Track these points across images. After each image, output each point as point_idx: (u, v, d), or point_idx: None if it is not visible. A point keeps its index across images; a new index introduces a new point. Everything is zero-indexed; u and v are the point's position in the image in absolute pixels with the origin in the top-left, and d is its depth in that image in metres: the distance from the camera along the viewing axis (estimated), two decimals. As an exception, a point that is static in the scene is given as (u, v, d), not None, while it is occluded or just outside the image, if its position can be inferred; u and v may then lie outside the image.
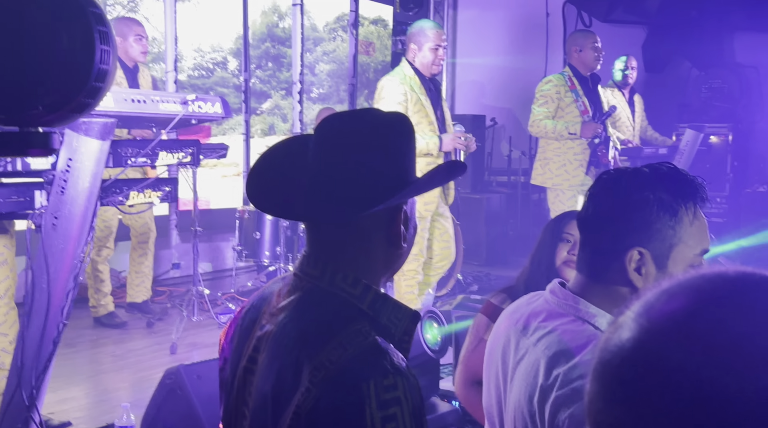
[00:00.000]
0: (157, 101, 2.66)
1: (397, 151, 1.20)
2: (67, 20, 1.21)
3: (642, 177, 1.31)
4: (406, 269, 4.16)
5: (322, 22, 7.53)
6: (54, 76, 1.21)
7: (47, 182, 2.40)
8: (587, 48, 4.75)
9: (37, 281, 2.43)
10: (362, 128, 1.20)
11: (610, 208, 1.34)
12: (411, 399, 1.05)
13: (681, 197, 1.29)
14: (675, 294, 0.56)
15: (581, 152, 4.69)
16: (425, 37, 4.03)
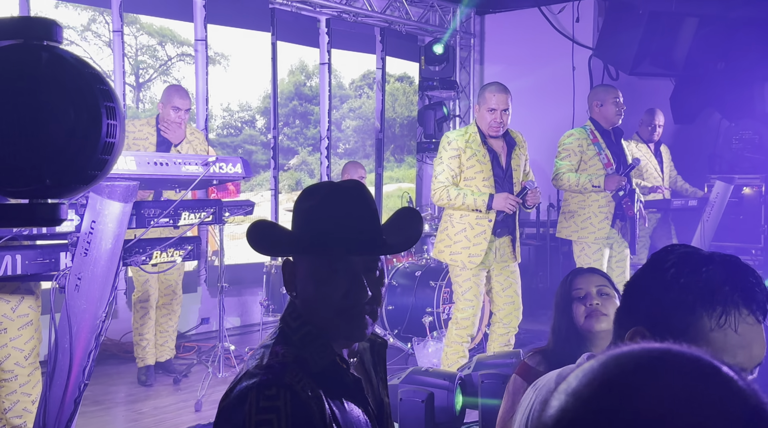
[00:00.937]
0: (179, 164, 2.73)
1: (301, 214, 1.43)
2: (74, 97, 1.26)
3: (691, 262, 1.20)
4: (460, 317, 4.21)
5: (348, 79, 7.68)
6: (61, 151, 1.26)
7: (71, 244, 2.46)
8: (608, 103, 4.76)
9: (60, 342, 2.47)
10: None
11: (638, 279, 1.28)
12: (291, 412, 1.24)
13: (715, 298, 1.17)
14: (587, 373, 0.57)
15: (606, 205, 4.66)
16: (483, 98, 4.20)
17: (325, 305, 1.39)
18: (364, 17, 7.43)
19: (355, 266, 1.39)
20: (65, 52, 1.30)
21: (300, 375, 1.30)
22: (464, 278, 4.16)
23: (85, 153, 1.28)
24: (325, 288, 1.38)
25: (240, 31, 6.40)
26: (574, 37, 7.82)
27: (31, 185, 1.27)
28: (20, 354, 2.84)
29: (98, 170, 1.32)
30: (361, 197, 1.43)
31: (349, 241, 1.37)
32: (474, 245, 4.11)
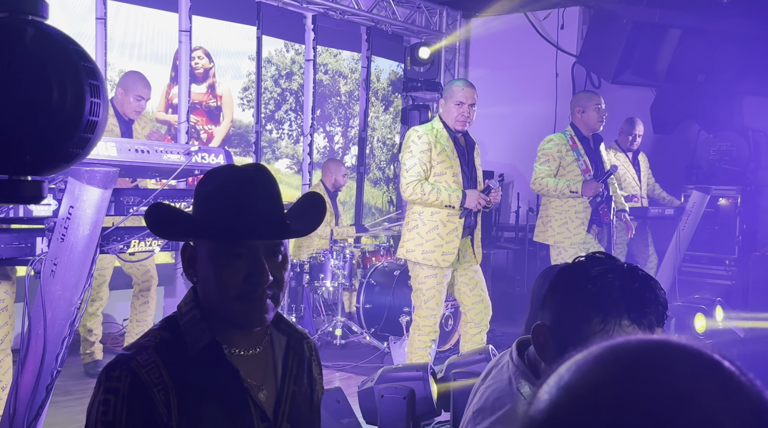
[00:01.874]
0: (161, 152, 2.71)
1: (202, 197, 1.42)
2: (58, 74, 1.25)
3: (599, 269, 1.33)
4: (422, 323, 4.13)
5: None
6: (43, 127, 1.24)
7: (48, 228, 2.43)
8: (590, 109, 4.80)
9: (34, 328, 2.44)
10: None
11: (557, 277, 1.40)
12: (128, 394, 1.29)
13: (601, 304, 1.29)
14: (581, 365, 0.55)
15: (583, 211, 4.70)
16: (450, 92, 4.13)
17: (226, 290, 1.37)
18: (350, 15, 7.43)
19: (257, 250, 1.37)
20: (51, 27, 1.28)
21: (153, 358, 1.34)
22: (428, 286, 4.08)
23: (68, 131, 1.27)
24: (225, 273, 1.37)
25: (225, 23, 6.36)
26: (558, 43, 7.88)
27: (11, 160, 1.26)
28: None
29: (80, 148, 1.31)
30: (263, 180, 1.41)
31: (250, 225, 1.36)
32: (447, 242, 4.04)
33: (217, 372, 1.39)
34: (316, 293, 6.15)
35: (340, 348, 5.60)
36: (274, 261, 1.41)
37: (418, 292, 4.13)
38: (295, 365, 1.55)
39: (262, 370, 1.49)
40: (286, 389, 1.51)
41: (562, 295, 1.35)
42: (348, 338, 5.70)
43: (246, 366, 1.44)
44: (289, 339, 1.56)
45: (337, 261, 5.76)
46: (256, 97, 6.70)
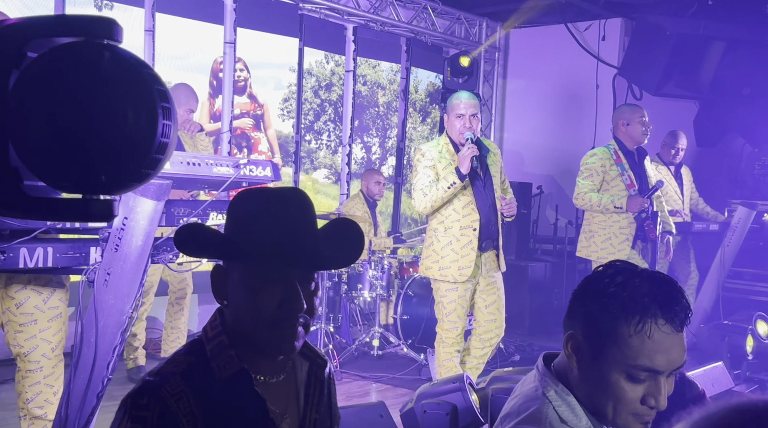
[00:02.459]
0: (211, 164, 2.75)
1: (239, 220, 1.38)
2: (133, 96, 1.28)
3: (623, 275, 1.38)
4: (444, 336, 4.11)
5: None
6: (118, 149, 1.27)
7: (103, 239, 2.48)
8: (634, 122, 4.75)
9: (86, 335, 2.50)
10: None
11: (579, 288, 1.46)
12: (158, 424, 1.27)
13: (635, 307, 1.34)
14: None
15: (627, 226, 4.64)
16: (451, 106, 4.10)
17: (258, 316, 1.35)
18: (390, 27, 7.46)
19: (292, 276, 1.36)
20: (126, 51, 1.32)
21: (181, 387, 1.31)
22: (449, 300, 4.05)
23: (141, 152, 1.30)
24: (259, 298, 1.35)
25: (269, 35, 6.45)
26: (599, 55, 7.81)
27: (87, 180, 1.29)
28: (48, 346, 2.86)
29: (151, 168, 1.34)
30: (303, 206, 1.39)
31: (289, 254, 1.33)
32: (462, 257, 4.00)
33: (244, 401, 1.37)
34: (352, 303, 6.17)
35: (377, 358, 5.60)
36: (308, 289, 1.39)
37: (440, 305, 4.11)
38: (317, 392, 1.52)
39: (286, 398, 1.47)
40: (308, 417, 1.49)
41: (593, 303, 1.40)
42: (385, 349, 5.70)
43: (270, 394, 1.41)
44: (312, 365, 1.53)
45: (375, 272, 5.78)
46: (296, 107, 6.76)
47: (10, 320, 2.80)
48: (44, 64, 1.26)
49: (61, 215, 1.39)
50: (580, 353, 1.42)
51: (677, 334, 1.36)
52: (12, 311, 2.79)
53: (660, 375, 1.36)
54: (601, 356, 1.39)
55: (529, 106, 8.59)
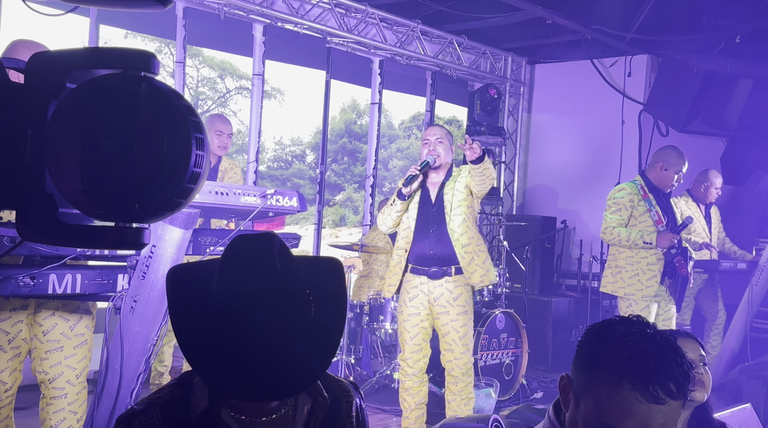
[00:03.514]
0: (239, 194, 2.78)
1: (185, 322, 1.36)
2: (168, 127, 1.31)
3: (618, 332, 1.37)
4: (404, 365, 4.19)
5: (398, 120, 7.78)
6: (152, 178, 1.30)
7: (130, 266, 2.51)
8: (672, 170, 4.66)
9: (111, 362, 2.51)
10: None
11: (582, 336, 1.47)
12: None
13: (617, 368, 1.31)
14: None
15: (656, 262, 4.58)
16: (422, 136, 4.30)
17: None
18: (416, 60, 7.54)
19: None
20: (162, 83, 1.35)
21: (155, 419, 1.36)
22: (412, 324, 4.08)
23: (174, 181, 1.32)
24: None
25: (296, 67, 6.55)
26: (625, 91, 7.81)
27: (120, 209, 1.31)
28: (72, 373, 2.87)
29: (183, 198, 1.36)
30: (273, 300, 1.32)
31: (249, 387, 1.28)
32: (393, 275, 4.15)
33: None
34: (374, 335, 6.14)
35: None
36: None
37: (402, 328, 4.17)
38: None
39: None
40: None
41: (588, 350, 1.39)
42: (406, 382, 5.65)
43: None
44: (313, 404, 1.48)
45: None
46: (322, 139, 6.82)
47: (36, 347, 2.82)
48: (82, 95, 1.29)
49: (94, 243, 1.41)
50: (566, 396, 1.43)
51: (658, 405, 1.28)
52: (39, 339, 2.81)
53: None
54: (578, 404, 1.38)
55: (553, 140, 8.59)
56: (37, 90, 1.33)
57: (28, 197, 1.33)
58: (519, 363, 5.72)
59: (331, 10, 6.51)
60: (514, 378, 5.67)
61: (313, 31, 6.52)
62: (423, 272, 4.06)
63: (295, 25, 6.35)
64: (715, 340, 6.06)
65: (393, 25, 7.16)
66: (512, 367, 5.64)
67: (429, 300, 4.07)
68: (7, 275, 2.28)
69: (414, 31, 7.25)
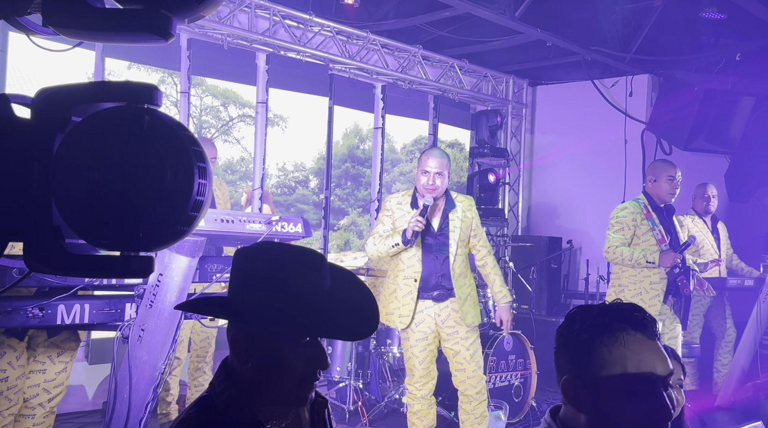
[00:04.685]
0: (244, 221, 2.81)
1: (265, 282, 1.43)
2: (171, 158, 1.34)
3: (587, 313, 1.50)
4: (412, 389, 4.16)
5: (400, 144, 7.82)
6: (156, 207, 1.33)
7: (138, 295, 2.53)
8: (661, 179, 4.69)
9: (120, 391, 2.52)
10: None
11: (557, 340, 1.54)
12: None
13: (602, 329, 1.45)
14: None
15: (659, 282, 4.57)
16: (420, 160, 4.15)
17: (288, 374, 1.43)
18: (418, 85, 7.60)
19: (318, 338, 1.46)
20: (164, 115, 1.38)
21: None
22: (420, 349, 4.07)
23: (177, 210, 1.35)
24: (289, 358, 1.42)
25: (299, 94, 6.61)
26: (627, 110, 7.85)
27: (125, 238, 1.34)
28: (46, 397, 2.94)
29: (187, 226, 1.39)
30: (323, 271, 1.47)
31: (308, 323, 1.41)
32: (403, 305, 4.09)
33: None
34: (382, 359, 6.12)
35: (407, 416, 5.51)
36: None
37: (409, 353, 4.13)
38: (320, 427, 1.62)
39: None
40: None
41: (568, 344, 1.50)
42: (415, 406, 5.61)
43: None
44: (313, 404, 1.62)
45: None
46: (326, 165, 6.87)
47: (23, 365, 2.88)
48: (87, 128, 1.33)
49: (100, 272, 1.43)
50: (579, 397, 1.48)
51: (653, 341, 1.45)
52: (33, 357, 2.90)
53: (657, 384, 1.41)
54: (598, 389, 1.43)
55: (557, 161, 8.62)
56: (44, 124, 1.36)
57: (35, 228, 1.36)
58: (528, 384, 5.69)
59: (333, 37, 6.59)
60: (523, 400, 5.63)
61: (316, 59, 6.59)
62: (428, 297, 4.09)
63: (297, 53, 6.43)
64: (725, 358, 6.03)
65: (394, 51, 7.23)
66: (521, 389, 5.60)
67: (436, 323, 4.09)
68: (17, 306, 2.31)
69: (415, 56, 7.33)
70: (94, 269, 1.37)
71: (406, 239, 3.96)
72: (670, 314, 4.64)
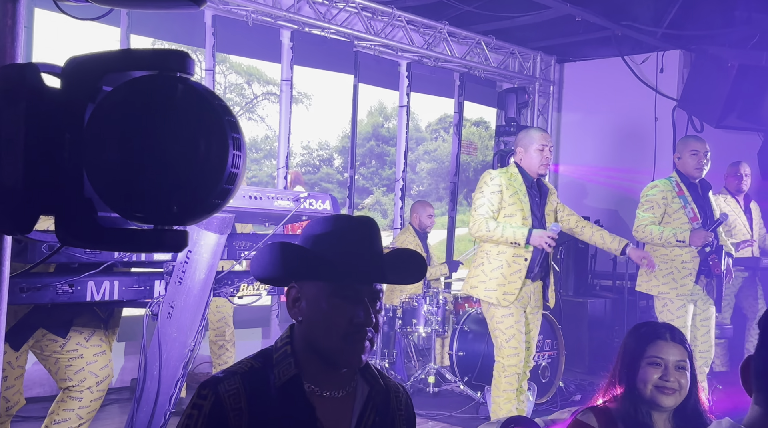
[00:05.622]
0: (272, 198, 2.77)
1: (317, 241, 1.50)
2: (205, 128, 1.29)
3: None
4: (506, 363, 4.11)
5: (425, 122, 7.74)
6: (190, 179, 1.28)
7: (167, 272, 2.51)
8: (685, 155, 4.59)
9: (150, 369, 2.51)
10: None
11: None
12: (209, 412, 1.43)
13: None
14: None
15: (690, 261, 4.47)
16: (530, 139, 4.20)
17: (333, 329, 1.46)
18: (444, 62, 7.50)
19: (363, 294, 1.48)
20: (197, 84, 1.33)
21: (238, 385, 1.46)
22: (507, 325, 4.09)
23: (212, 182, 1.30)
24: (334, 314, 1.47)
25: (324, 72, 6.54)
26: (657, 87, 7.68)
27: (159, 211, 1.30)
28: (94, 380, 2.94)
29: (221, 199, 1.34)
30: (374, 231, 1.53)
31: (365, 271, 1.48)
32: (509, 282, 4.08)
33: (293, 407, 1.47)
34: (407, 339, 6.10)
35: (433, 396, 5.51)
36: (375, 306, 1.50)
37: (498, 332, 4.15)
38: (372, 417, 1.57)
39: (339, 415, 1.53)
40: None
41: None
42: (441, 386, 5.60)
43: (325, 408, 1.50)
44: (371, 390, 1.59)
45: (430, 307, 5.71)
46: (350, 143, 6.81)
47: (58, 359, 2.89)
48: (119, 97, 1.28)
49: (133, 246, 1.39)
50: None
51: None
52: (58, 352, 2.89)
53: None
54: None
55: (585, 139, 8.48)
56: (74, 94, 1.32)
57: (66, 201, 1.32)
58: (556, 365, 5.64)
59: (358, 13, 6.51)
60: (551, 381, 5.59)
61: (340, 36, 6.52)
62: (529, 275, 4.14)
63: (322, 29, 6.36)
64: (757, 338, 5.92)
65: (420, 27, 7.13)
66: (549, 370, 5.55)
67: (529, 302, 4.19)
68: (46, 282, 2.29)
69: (441, 33, 7.22)
70: (127, 242, 1.33)
71: (528, 241, 4.00)
72: (702, 294, 4.55)
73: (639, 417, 2.16)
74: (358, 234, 1.51)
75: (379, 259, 1.51)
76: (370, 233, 1.52)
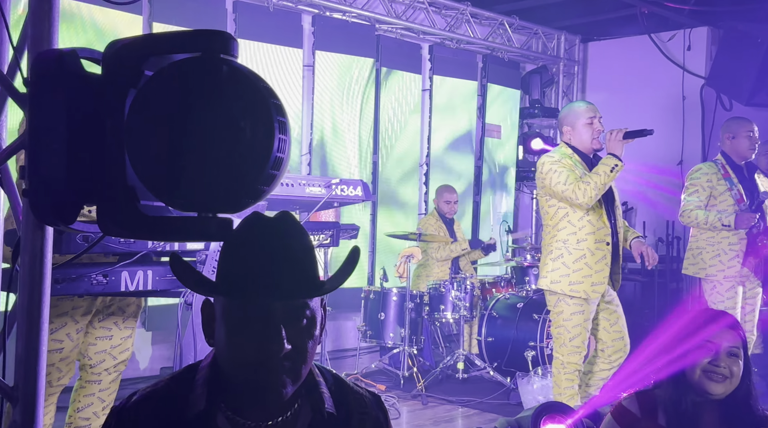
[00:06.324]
0: (304, 185, 2.74)
1: (222, 251, 1.30)
2: (251, 111, 1.25)
3: None
4: (566, 361, 3.87)
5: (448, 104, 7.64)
6: (235, 165, 1.24)
7: (200, 261, 2.48)
8: (740, 136, 4.55)
9: (185, 357, 2.49)
10: None
11: None
12: None
13: None
14: None
15: (737, 242, 4.43)
16: (576, 114, 3.90)
17: (236, 356, 1.23)
18: (466, 44, 7.40)
19: (274, 313, 1.22)
20: (242, 65, 1.29)
21: (146, 412, 1.28)
22: (575, 323, 3.81)
23: (257, 168, 1.26)
24: (238, 337, 1.23)
25: (344, 56, 6.47)
26: (685, 65, 7.53)
27: (203, 198, 1.26)
28: (112, 362, 2.94)
29: (266, 185, 1.30)
30: (285, 232, 1.27)
31: (263, 284, 1.21)
32: (596, 272, 3.78)
33: None
34: (434, 325, 6.06)
35: (462, 382, 5.46)
36: (297, 327, 1.25)
37: (563, 329, 3.86)
38: None
39: None
40: None
41: None
42: (470, 372, 5.56)
43: None
44: (314, 417, 1.33)
45: (458, 292, 5.66)
46: (374, 126, 6.75)
47: (89, 332, 2.87)
48: (162, 82, 1.24)
49: (177, 235, 1.36)
50: None
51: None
52: (93, 325, 2.88)
53: None
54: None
55: (610, 119, 8.27)
56: (115, 79, 1.28)
57: (108, 190, 1.29)
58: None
59: (379, -4, 6.43)
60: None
61: (362, 19, 6.44)
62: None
63: (343, 13, 6.29)
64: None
65: (442, 9, 7.04)
66: (579, 354, 5.48)
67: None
68: (81, 273, 2.27)
69: (463, 14, 7.12)
70: (171, 231, 1.29)
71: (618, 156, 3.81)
72: (751, 276, 4.49)
73: (683, 407, 2.07)
74: (260, 241, 1.26)
75: (288, 266, 1.23)
76: (276, 238, 1.26)
